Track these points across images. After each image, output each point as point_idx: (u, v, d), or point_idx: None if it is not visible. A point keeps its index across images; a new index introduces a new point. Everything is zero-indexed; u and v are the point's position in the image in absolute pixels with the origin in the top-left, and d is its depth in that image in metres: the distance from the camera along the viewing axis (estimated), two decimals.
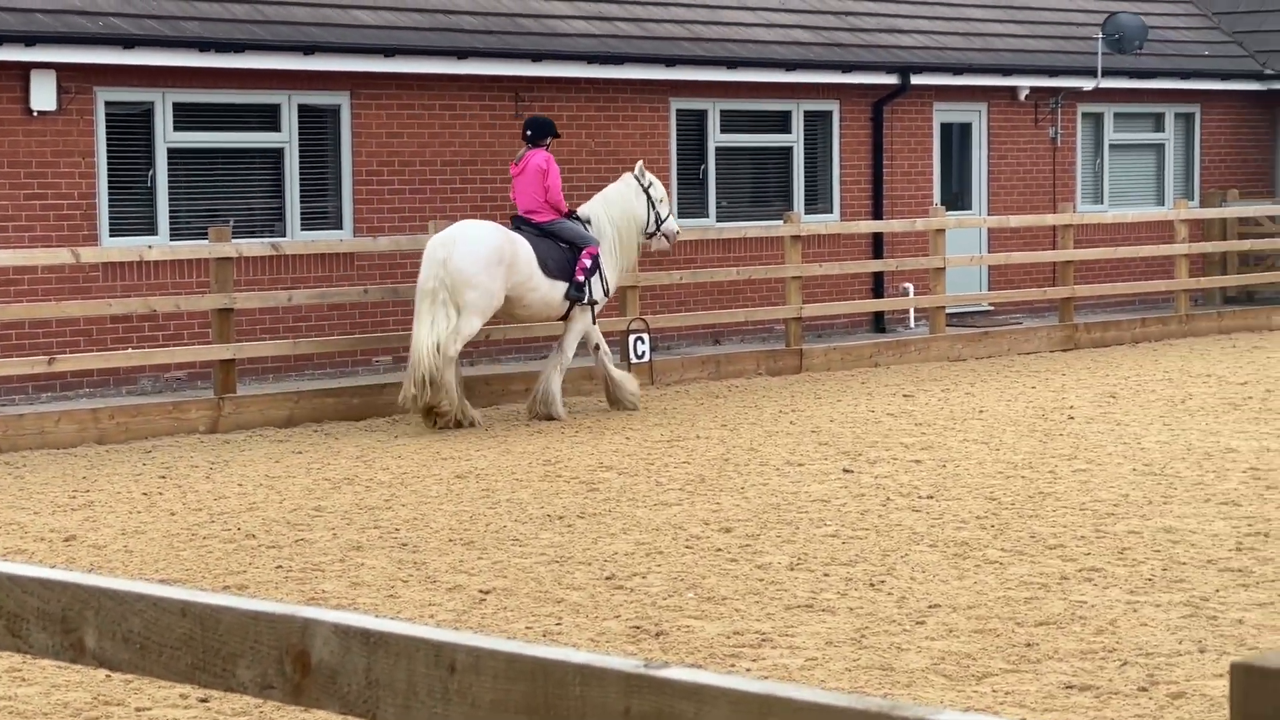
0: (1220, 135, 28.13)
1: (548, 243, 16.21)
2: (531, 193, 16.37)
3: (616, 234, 16.75)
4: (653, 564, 10.10)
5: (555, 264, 16.13)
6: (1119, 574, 9.58)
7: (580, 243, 16.32)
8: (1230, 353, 20.88)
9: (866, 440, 14.59)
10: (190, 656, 3.04)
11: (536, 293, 16.10)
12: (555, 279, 16.12)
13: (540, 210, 16.36)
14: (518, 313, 16.43)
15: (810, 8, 23.85)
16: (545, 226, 16.31)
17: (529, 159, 16.45)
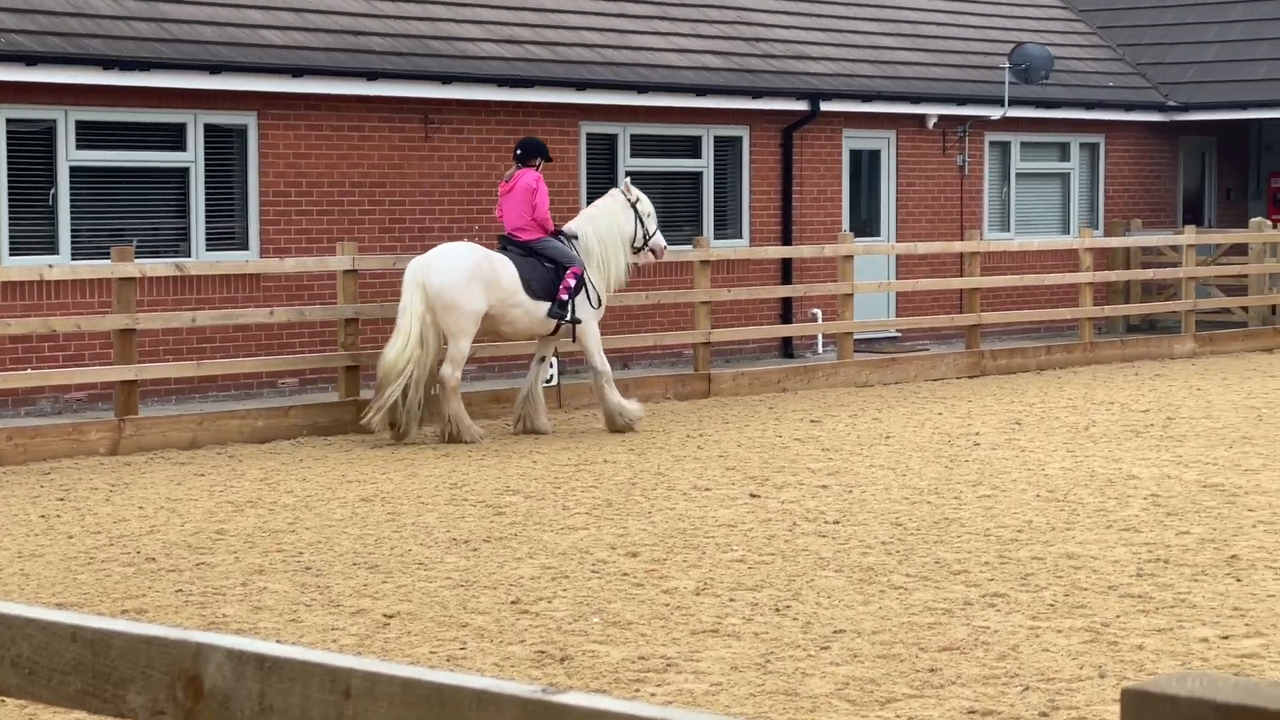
0: (1124, 165, 28.44)
1: (532, 262, 16.38)
2: (519, 211, 16.51)
3: (603, 249, 16.91)
4: (558, 588, 10.06)
5: (539, 283, 16.31)
6: (1022, 600, 9.63)
7: (565, 262, 16.47)
8: (1133, 380, 21.08)
9: (773, 465, 14.60)
10: (80, 682, 2.98)
11: (519, 309, 16.29)
12: (539, 298, 16.32)
13: (527, 229, 16.51)
14: (503, 330, 16.58)
15: (721, 34, 23.93)
16: (531, 245, 16.46)
17: (518, 178, 16.59)
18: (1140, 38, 29.88)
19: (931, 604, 9.55)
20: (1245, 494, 12.89)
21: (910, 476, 13.93)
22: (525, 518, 12.29)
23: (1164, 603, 9.51)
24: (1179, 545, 11.03)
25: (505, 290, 16.13)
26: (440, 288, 15.88)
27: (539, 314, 16.39)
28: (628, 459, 15.03)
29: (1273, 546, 10.95)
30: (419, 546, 11.30)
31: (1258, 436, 15.97)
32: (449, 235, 20.66)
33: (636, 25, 23.13)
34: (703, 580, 10.22)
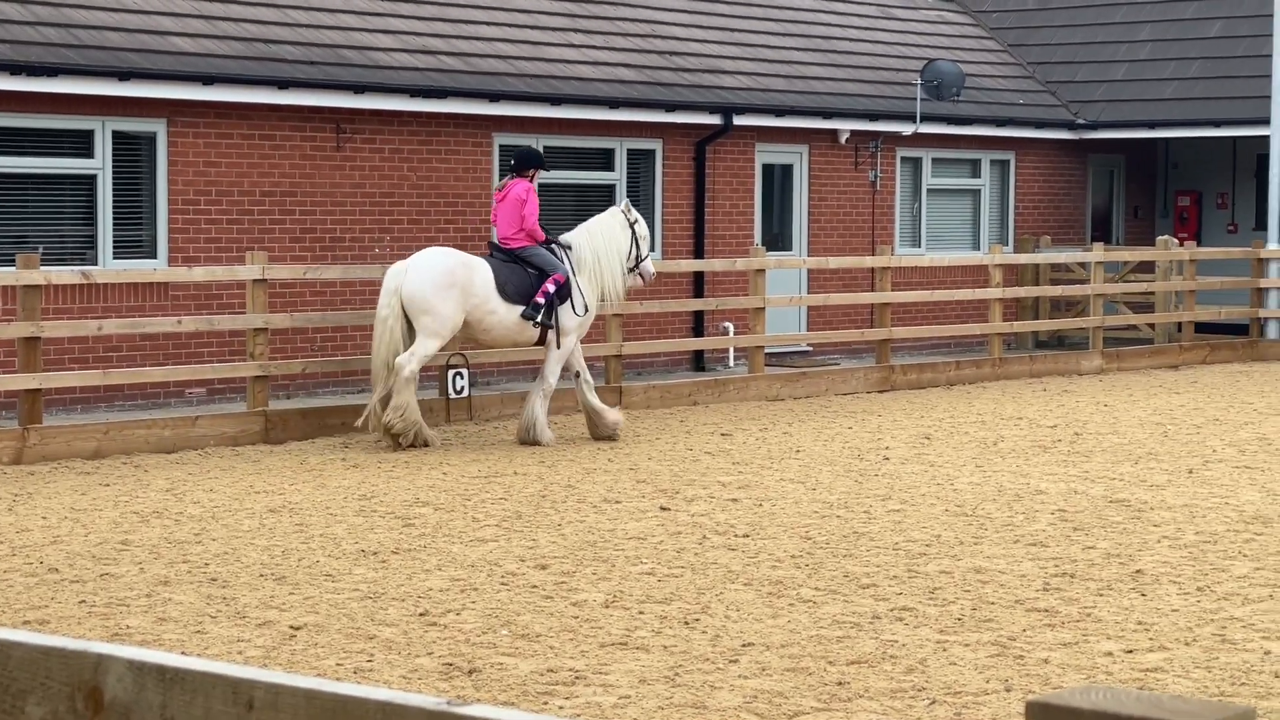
0: (1034, 182, 28.69)
1: (513, 267, 16.51)
2: (510, 219, 16.74)
3: (597, 261, 17.00)
4: (467, 600, 10.02)
5: (515, 288, 16.41)
6: (930, 613, 9.67)
7: (548, 269, 16.57)
8: (1041, 396, 21.25)
9: (684, 478, 14.61)
10: None
11: (494, 315, 16.38)
12: (513, 303, 16.41)
13: (515, 237, 16.69)
14: (479, 337, 16.70)
15: (635, 47, 23.95)
16: (516, 252, 16.62)
17: (511, 187, 16.81)
18: (1050, 56, 30.16)
19: (840, 617, 9.58)
20: (1150, 509, 13.02)
21: (820, 490, 13.97)
22: (434, 529, 12.24)
23: (1070, 617, 9.57)
24: (1085, 560, 11.12)
25: (479, 296, 16.27)
26: (413, 292, 16.05)
27: (512, 320, 16.46)
28: (538, 471, 15.00)
29: (1177, 561, 11.05)
30: (327, 558, 11.22)
31: (1163, 452, 16.13)
32: (360, 245, 20.58)
33: (550, 37, 23.12)
34: (612, 593, 10.20)
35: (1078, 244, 28.62)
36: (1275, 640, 9.05)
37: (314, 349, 20.07)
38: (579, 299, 16.79)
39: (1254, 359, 26.10)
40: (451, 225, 21.43)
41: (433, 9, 22.40)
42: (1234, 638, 9.10)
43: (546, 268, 16.62)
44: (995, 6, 31.40)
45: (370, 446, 16.55)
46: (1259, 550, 11.43)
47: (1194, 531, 12.10)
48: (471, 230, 21.61)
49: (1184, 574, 10.67)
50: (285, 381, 19.53)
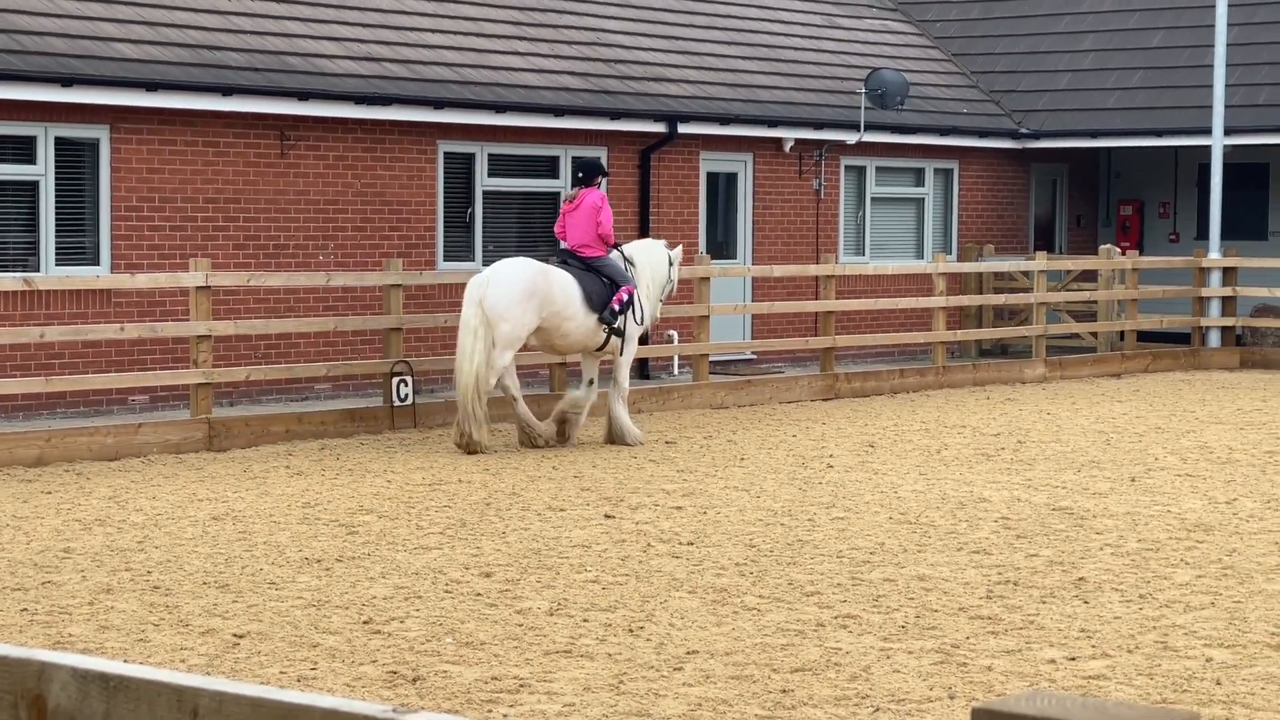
0: (977, 191, 28.82)
1: (591, 277, 17.08)
2: (585, 228, 17.24)
3: (651, 279, 17.78)
4: (411, 608, 9.99)
5: (598, 297, 17.03)
6: (874, 621, 9.70)
7: (619, 279, 17.21)
8: (984, 404, 21.34)
9: (629, 486, 14.61)
10: None
11: (573, 323, 16.95)
12: (592, 310, 17.00)
13: (591, 245, 17.23)
14: (556, 343, 17.21)
15: (580, 55, 23.96)
16: (592, 261, 17.18)
17: (583, 197, 17.31)
18: (994, 65, 30.32)
19: (784, 625, 9.60)
20: (1093, 517, 13.09)
21: (764, 498, 13.99)
22: (378, 537, 12.21)
23: (1013, 624, 9.62)
24: (1028, 567, 11.17)
25: (559, 304, 16.77)
26: (494, 302, 16.49)
27: (590, 326, 17.02)
28: (482, 479, 14.98)
29: (1119, 569, 11.12)
30: (270, 566, 11.18)
31: (1105, 460, 16.22)
32: (304, 252, 20.51)
33: (495, 45, 23.10)
34: (556, 601, 10.20)
35: (1021, 253, 28.77)
36: (1217, 647, 9.11)
37: (258, 356, 19.99)
38: (639, 311, 17.41)
39: (1195, 367, 26.28)
40: (396, 232, 21.39)
41: (378, 16, 22.35)
42: (1176, 645, 9.16)
43: (618, 278, 17.20)
44: (939, 16, 31.55)
45: (313, 453, 16.50)
46: (1200, 558, 11.51)
47: (1136, 539, 12.18)
48: (416, 238, 21.57)
49: (1126, 581, 10.74)
50: (229, 388, 19.45)
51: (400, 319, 18.63)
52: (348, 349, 20.77)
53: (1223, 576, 10.90)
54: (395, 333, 18.60)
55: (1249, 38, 28.33)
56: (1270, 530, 12.56)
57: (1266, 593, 10.43)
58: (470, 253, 22.21)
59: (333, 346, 20.66)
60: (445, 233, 21.97)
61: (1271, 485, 14.73)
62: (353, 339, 20.81)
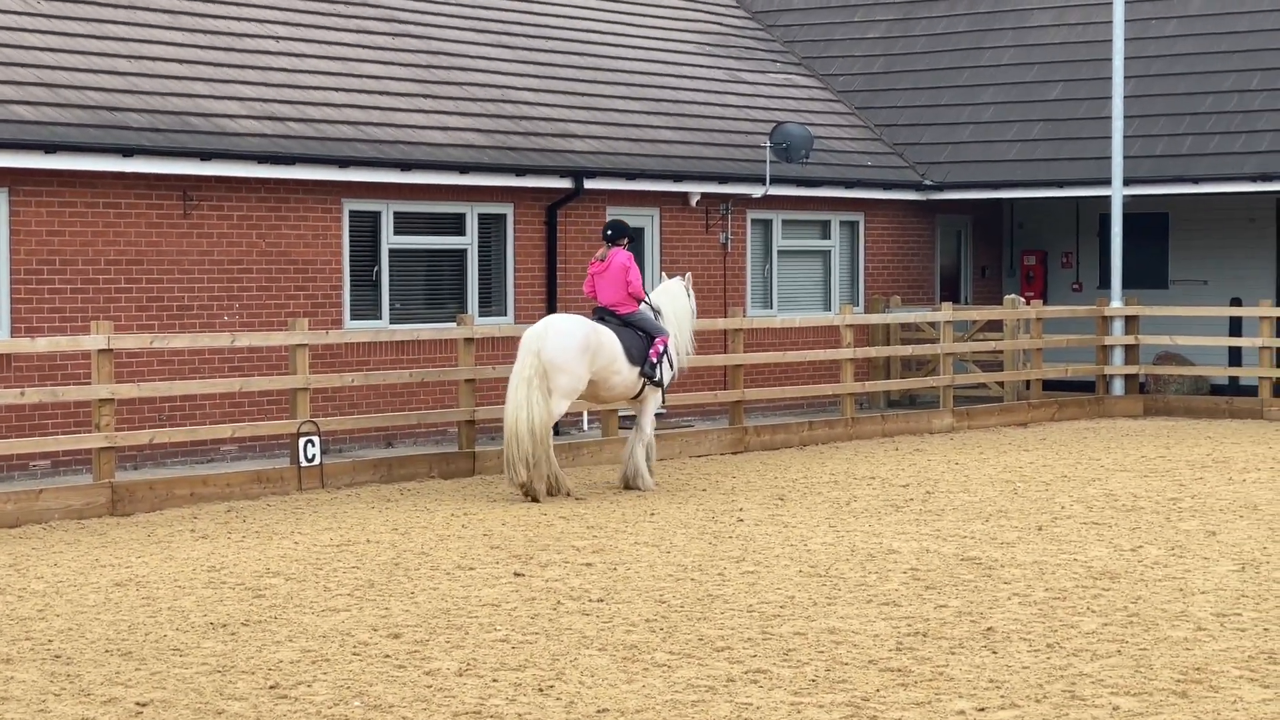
0: (883, 243, 29.01)
1: (630, 332, 18.05)
2: (616, 287, 18.13)
3: (678, 324, 18.73)
4: (319, 672, 9.89)
5: (638, 351, 18.01)
6: (784, 675, 9.67)
7: (654, 332, 18.20)
8: (893, 455, 21.41)
9: (539, 543, 14.55)
10: None
11: (619, 376, 17.92)
12: (635, 364, 18.01)
13: (624, 303, 18.14)
14: (601, 394, 18.16)
15: (485, 112, 23.96)
16: (627, 318, 18.12)
17: (613, 257, 18.17)
18: (897, 118, 30.56)
19: (695, 681, 9.56)
20: (1001, 566, 13.14)
21: (675, 553, 13.96)
22: (285, 600, 12.08)
23: (923, 676, 9.62)
24: (937, 619, 11.19)
25: (607, 358, 17.72)
26: (553, 355, 17.29)
27: (632, 378, 18.00)
28: (391, 539, 14.87)
29: (1027, 618, 11.15)
30: (175, 632, 11.03)
31: (1013, 510, 16.30)
32: (209, 313, 20.35)
33: (400, 103, 23.07)
34: (466, 661, 10.12)
35: (927, 303, 28.95)
36: (1123, 695, 9.15)
37: (162, 418, 19.80)
38: (673, 359, 18.43)
39: (1100, 415, 26.50)
40: (302, 291, 21.27)
41: (281, 75, 22.28)
42: (1083, 694, 9.19)
43: (652, 331, 18.18)
44: (842, 70, 31.78)
45: (219, 516, 16.34)
46: (1107, 605, 11.56)
47: (1044, 588, 12.23)
48: (322, 296, 21.46)
49: (1034, 631, 10.77)
50: (133, 452, 19.25)
51: (307, 379, 18.50)
52: (254, 410, 20.61)
53: (1129, 624, 10.96)
54: (302, 393, 18.47)
55: (1145, 89, 28.71)
56: (1175, 577, 12.65)
57: (1171, 640, 10.49)
58: (377, 311, 22.12)
59: (238, 407, 20.50)
60: (352, 291, 21.87)
61: (1175, 532, 14.84)
62: (259, 399, 20.65)
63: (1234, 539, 14.42)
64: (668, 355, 18.31)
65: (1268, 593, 12.00)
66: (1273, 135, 27.16)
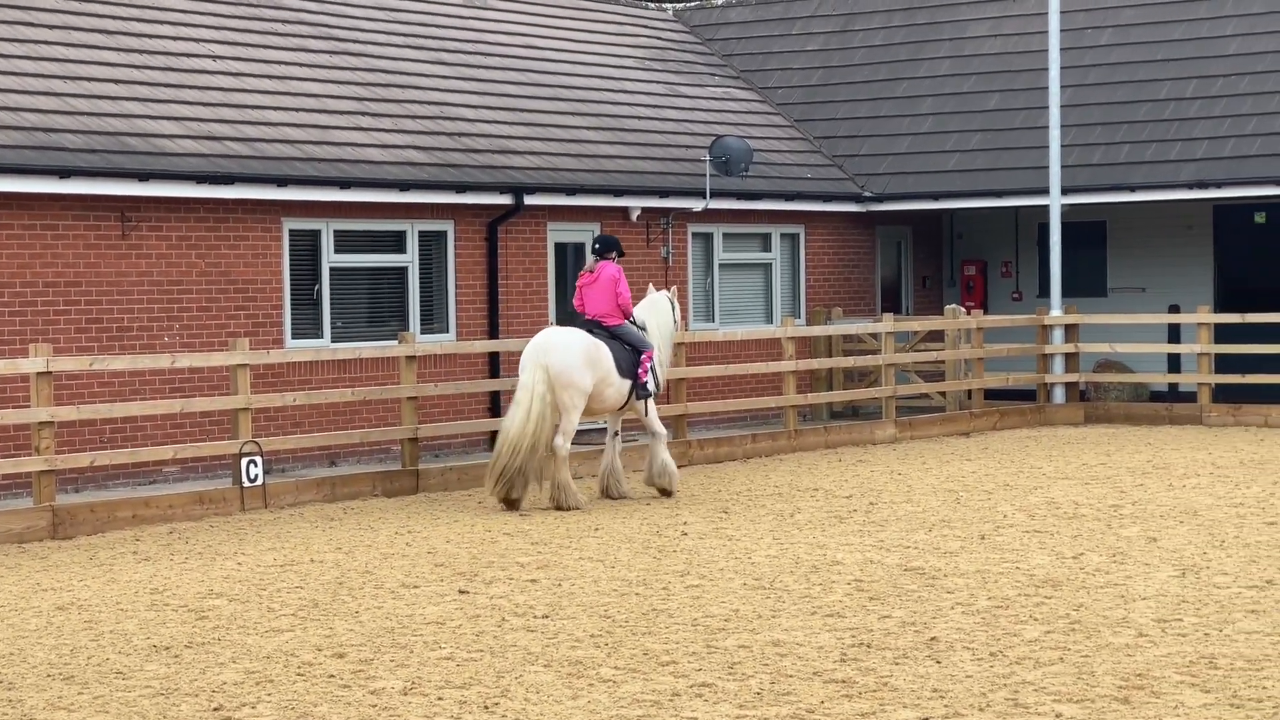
0: (824, 254, 29.10)
1: (618, 344, 18.28)
2: (604, 299, 18.34)
3: (661, 338, 18.98)
4: (263, 693, 9.85)
5: (626, 364, 18.26)
6: (729, 689, 9.69)
7: (640, 346, 18.41)
8: (836, 466, 21.47)
9: (483, 560, 14.53)
10: None
11: (612, 387, 18.16)
12: (625, 377, 18.23)
13: (611, 315, 18.34)
14: (594, 406, 18.24)
15: (424, 129, 23.94)
16: (614, 330, 18.33)
17: (601, 270, 18.39)
18: (836, 130, 30.68)
19: (640, 696, 9.56)
20: (944, 576, 13.19)
21: (619, 568, 13.96)
22: (229, 621, 12.03)
23: (867, 686, 9.65)
24: (881, 629, 11.22)
25: (604, 370, 18.01)
26: (561, 368, 17.61)
27: (624, 391, 18.24)
28: (335, 558, 14.82)
29: (970, 628, 11.20)
30: (117, 655, 10.97)
31: (956, 519, 16.37)
32: (149, 334, 20.25)
33: (338, 121, 23.03)
34: (411, 679, 10.10)
35: (868, 315, 29.06)
36: (1066, 703, 9.20)
37: (102, 440, 19.69)
38: (658, 372, 18.67)
39: (1041, 424, 26.64)
40: (243, 311, 21.19)
41: (218, 94, 22.21)
42: (1026, 701, 9.23)
43: (639, 345, 18.40)
44: (781, 82, 31.89)
45: (162, 538, 16.26)
46: (1049, 614, 11.63)
47: (986, 597, 12.28)
48: (263, 316, 21.39)
49: (977, 640, 10.82)
50: (73, 474, 19.13)
51: (248, 399, 18.43)
52: (195, 430, 20.51)
53: (1071, 631, 11.02)
54: (244, 413, 18.39)
55: (1082, 99, 28.91)
56: (1116, 584, 12.73)
57: (1113, 646, 10.56)
58: (319, 330, 22.06)
59: (180, 428, 20.40)
60: (293, 310, 21.81)
61: (1117, 539, 14.94)
62: (200, 420, 20.56)
63: (1174, 545, 14.53)
64: (654, 369, 18.56)
65: (1208, 598, 12.09)
66: (1208, 143, 27.39)
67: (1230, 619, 11.33)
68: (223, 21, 24.07)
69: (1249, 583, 12.67)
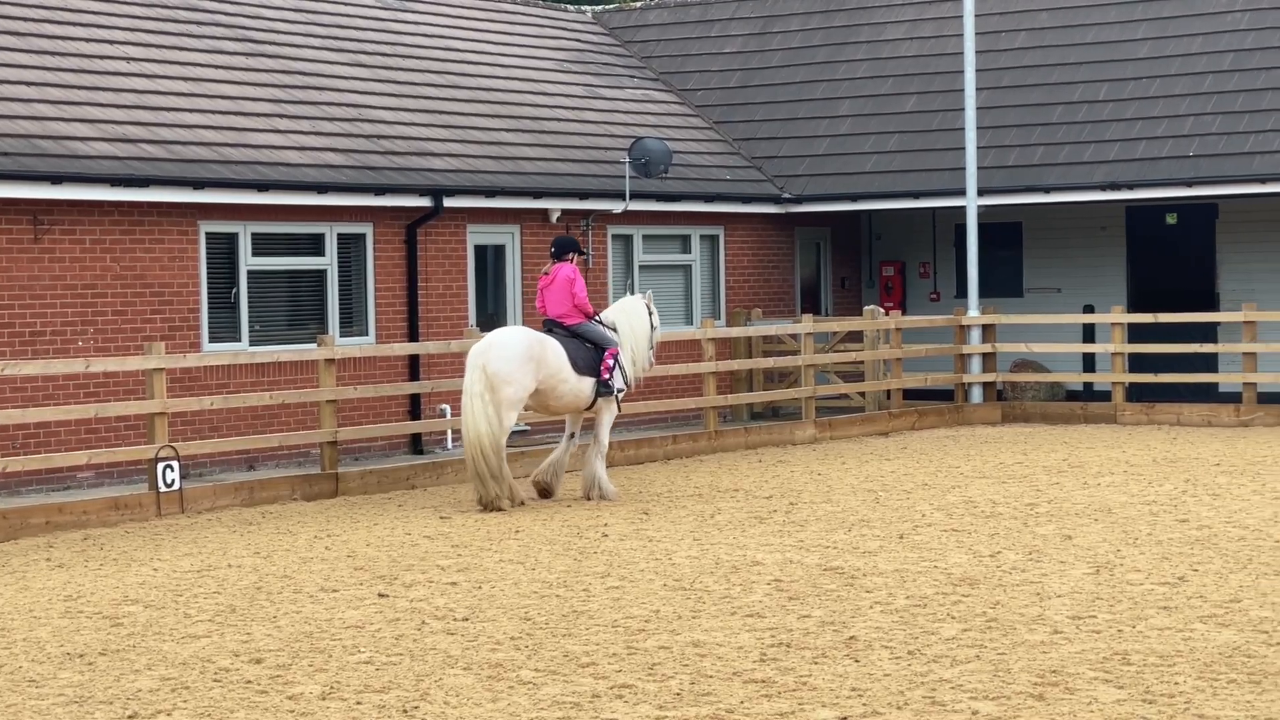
0: (743, 256, 29.17)
1: (576, 343, 18.42)
2: (561, 299, 18.59)
3: (634, 339, 19.06)
4: (179, 700, 9.78)
5: (584, 362, 18.36)
6: (649, 690, 9.70)
7: (603, 344, 18.58)
8: (757, 467, 21.53)
9: (403, 564, 14.48)
10: None
11: (566, 385, 18.26)
12: (583, 375, 18.34)
13: (570, 314, 18.58)
14: (551, 404, 18.46)
15: (343, 131, 23.84)
16: (574, 329, 18.54)
17: (558, 271, 18.66)
18: (755, 132, 30.77)
19: (560, 698, 9.56)
20: (863, 576, 13.25)
21: (539, 570, 13.95)
22: (145, 628, 11.93)
23: (786, 686, 9.68)
24: (800, 629, 11.26)
25: (552, 368, 18.06)
26: (497, 366, 17.69)
27: (583, 389, 18.39)
28: (253, 563, 14.73)
29: (889, 626, 11.26)
30: (30, 663, 10.86)
31: (875, 519, 16.44)
32: (63, 339, 20.08)
33: (255, 123, 22.90)
34: (329, 684, 10.05)
35: (788, 316, 29.16)
36: (982, 700, 9.26)
37: (15, 446, 19.50)
38: (620, 375, 18.72)
39: (959, 424, 26.81)
40: (159, 315, 21.04)
41: (132, 96, 22.04)
42: (943, 699, 9.29)
43: (601, 343, 18.56)
44: (700, 84, 31.96)
45: (76, 544, 16.12)
46: (966, 611, 11.70)
47: (905, 596, 12.35)
48: (180, 320, 21.24)
49: (895, 638, 10.87)
50: None
51: (165, 403, 18.30)
52: (111, 435, 20.35)
53: (987, 629, 11.10)
54: (160, 417, 18.26)
55: (997, 101, 29.12)
56: (1032, 581, 12.82)
57: (1029, 643, 10.64)
58: (236, 333, 21.93)
59: (95, 434, 20.23)
60: (210, 314, 21.68)
61: (1033, 537, 15.05)
62: (116, 425, 20.39)
63: (1089, 542, 14.65)
64: (620, 367, 18.67)
65: (1121, 595, 12.20)
66: (1121, 144, 27.64)
67: (1143, 615, 11.44)
68: (137, 23, 23.89)
69: (1161, 579, 12.79)
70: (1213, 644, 10.50)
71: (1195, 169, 26.74)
